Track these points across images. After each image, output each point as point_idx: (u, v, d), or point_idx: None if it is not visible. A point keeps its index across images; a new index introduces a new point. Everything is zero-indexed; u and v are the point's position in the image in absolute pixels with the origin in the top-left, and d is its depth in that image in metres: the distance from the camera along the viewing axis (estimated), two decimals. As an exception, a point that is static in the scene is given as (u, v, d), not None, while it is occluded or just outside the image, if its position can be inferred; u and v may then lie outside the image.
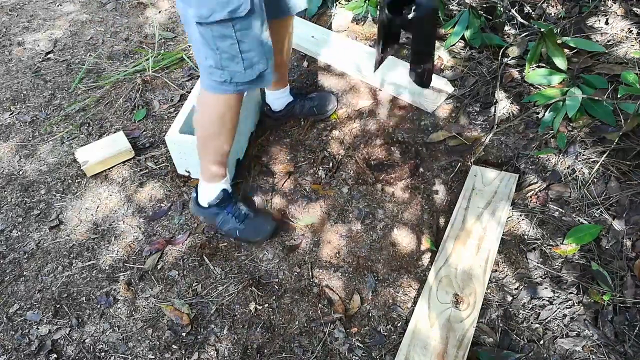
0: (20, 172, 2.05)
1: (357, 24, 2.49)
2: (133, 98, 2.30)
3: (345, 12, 2.53)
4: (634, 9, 2.11)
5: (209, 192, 1.69)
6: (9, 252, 1.79)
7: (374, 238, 1.75)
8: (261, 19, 1.36)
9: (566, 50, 2.04)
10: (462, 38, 2.26)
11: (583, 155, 1.76)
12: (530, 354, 1.43)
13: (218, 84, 1.43)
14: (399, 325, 1.54)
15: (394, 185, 1.89)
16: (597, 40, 2.06)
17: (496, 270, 1.61)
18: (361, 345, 1.51)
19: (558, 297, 1.51)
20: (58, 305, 1.64)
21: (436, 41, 1.36)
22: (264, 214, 1.80)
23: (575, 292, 1.51)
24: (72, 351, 1.54)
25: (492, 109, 2.02)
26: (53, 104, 2.33)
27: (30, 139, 2.18)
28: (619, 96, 1.80)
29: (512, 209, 1.73)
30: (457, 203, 1.76)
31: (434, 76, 2.16)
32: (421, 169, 1.92)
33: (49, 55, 2.59)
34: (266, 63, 1.43)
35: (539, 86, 2.00)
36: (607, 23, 2.11)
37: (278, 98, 2.05)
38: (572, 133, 1.82)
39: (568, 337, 1.43)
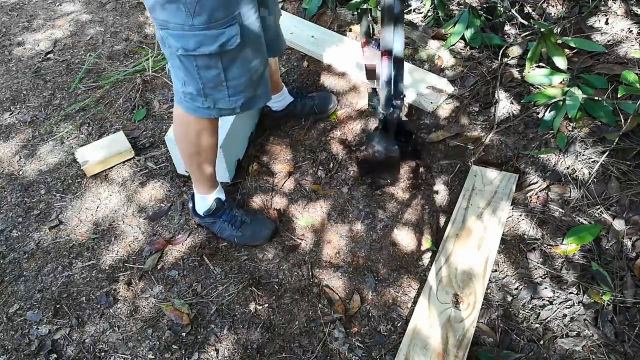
0: (20, 172, 2.05)
1: (357, 24, 2.49)
2: (133, 98, 2.29)
3: (345, 12, 2.53)
4: (634, 9, 2.11)
5: (203, 202, 1.71)
6: (9, 252, 1.79)
7: (374, 238, 1.75)
8: (253, 48, 1.28)
9: (566, 50, 2.04)
10: (462, 38, 2.26)
11: (583, 155, 1.76)
12: (530, 354, 1.43)
13: (200, 108, 1.37)
14: (399, 325, 1.54)
15: (394, 185, 1.89)
16: (597, 40, 2.06)
17: (496, 270, 1.61)
18: (361, 345, 1.51)
19: (558, 297, 1.51)
20: (58, 305, 1.64)
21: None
22: (261, 218, 1.79)
23: (575, 292, 1.51)
24: (72, 351, 1.54)
25: (492, 109, 2.02)
26: (53, 104, 2.33)
27: (30, 139, 2.18)
28: (619, 96, 1.80)
29: (512, 208, 1.73)
30: (457, 203, 1.76)
31: (434, 76, 2.18)
32: (421, 169, 1.92)
33: (49, 55, 2.59)
34: (254, 90, 1.36)
35: (539, 86, 1.99)
36: (607, 23, 2.11)
37: (278, 101, 2.05)
38: (572, 133, 1.82)
39: (568, 337, 1.43)
